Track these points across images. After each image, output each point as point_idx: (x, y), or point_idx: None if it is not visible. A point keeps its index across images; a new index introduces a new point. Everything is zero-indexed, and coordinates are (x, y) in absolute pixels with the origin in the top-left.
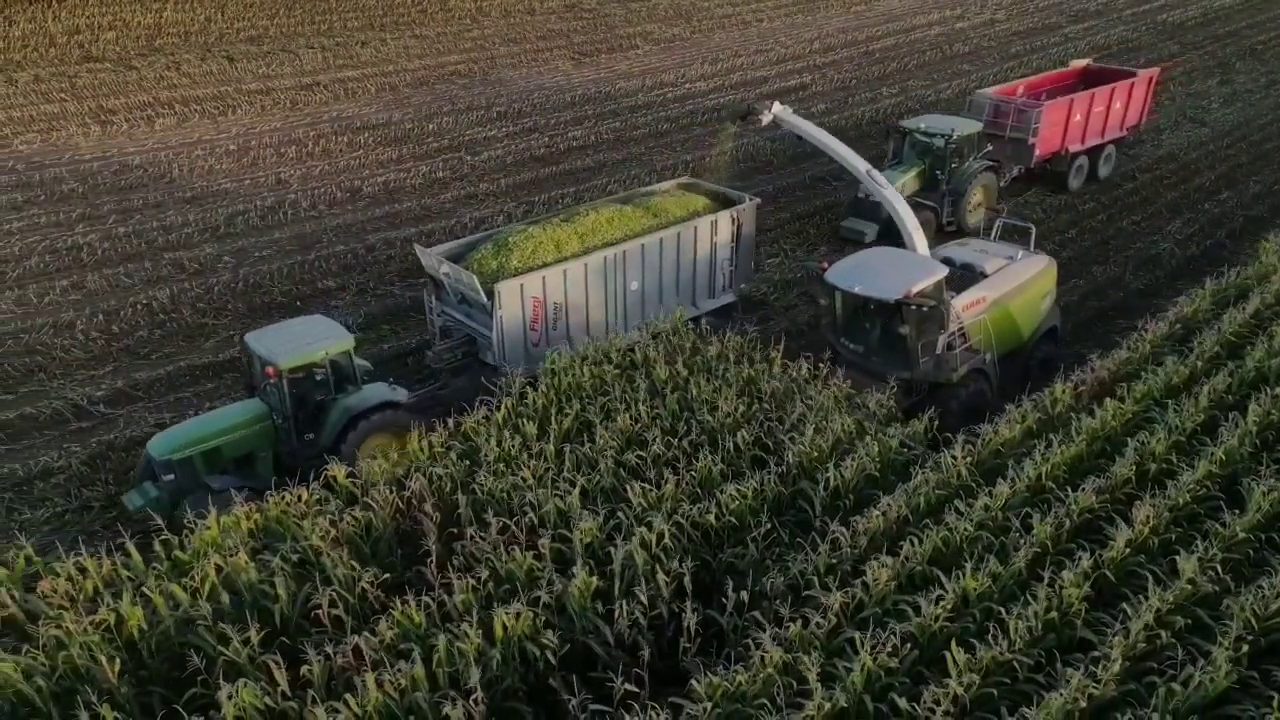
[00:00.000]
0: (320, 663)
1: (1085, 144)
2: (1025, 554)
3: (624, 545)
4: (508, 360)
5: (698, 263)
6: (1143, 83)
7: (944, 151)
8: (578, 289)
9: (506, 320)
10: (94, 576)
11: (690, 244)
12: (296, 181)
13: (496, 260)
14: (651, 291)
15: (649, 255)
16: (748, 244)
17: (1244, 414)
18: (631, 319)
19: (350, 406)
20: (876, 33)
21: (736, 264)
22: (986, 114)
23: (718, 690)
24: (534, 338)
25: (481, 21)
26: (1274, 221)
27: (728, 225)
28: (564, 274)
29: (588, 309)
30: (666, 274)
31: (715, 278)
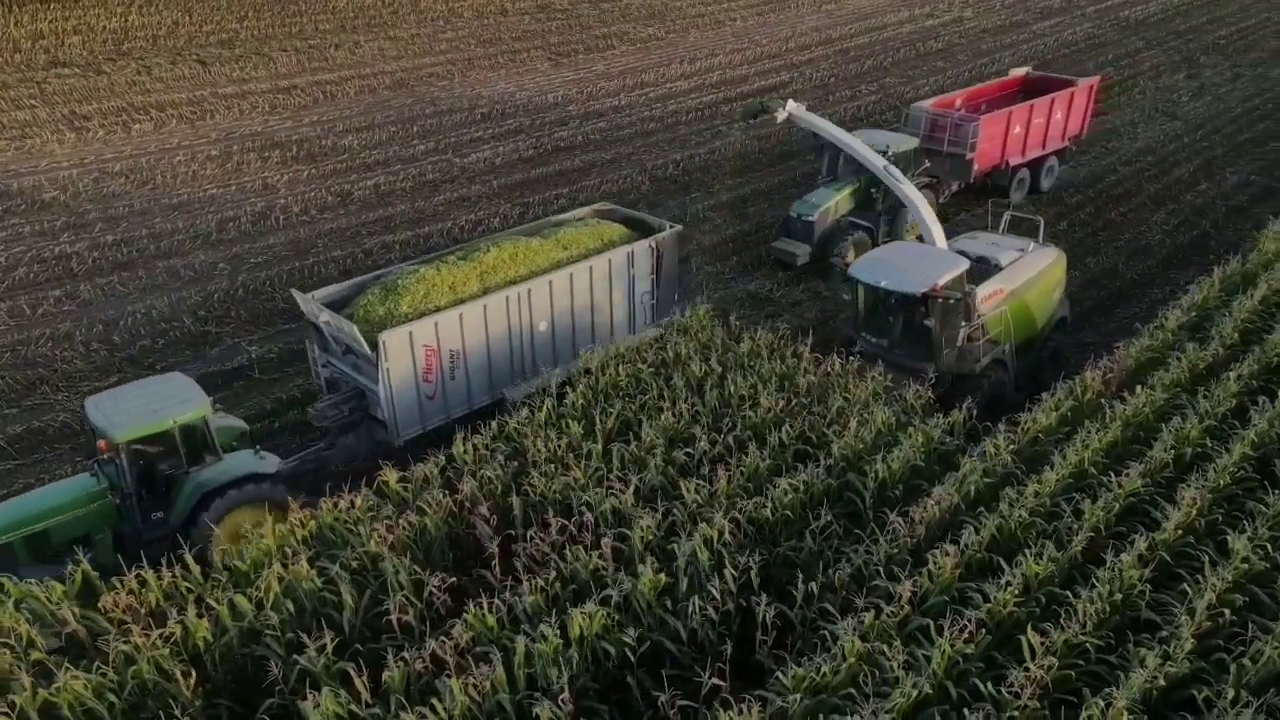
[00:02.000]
0: (401, 668)
1: (1026, 156)
2: (1081, 539)
3: (688, 542)
4: (399, 418)
5: (614, 298)
6: (1083, 92)
7: None
8: (477, 334)
9: (394, 373)
10: (154, 589)
11: (604, 278)
12: (284, 186)
13: (384, 306)
14: (563, 331)
15: (558, 292)
16: (670, 274)
17: (1272, 398)
18: (542, 362)
19: (205, 481)
20: (849, 31)
21: (658, 296)
22: (923, 128)
23: (803, 682)
24: (428, 390)
25: (454, 23)
26: (1253, 211)
27: (646, 256)
28: (460, 318)
29: (489, 355)
30: (579, 312)
31: (635, 313)
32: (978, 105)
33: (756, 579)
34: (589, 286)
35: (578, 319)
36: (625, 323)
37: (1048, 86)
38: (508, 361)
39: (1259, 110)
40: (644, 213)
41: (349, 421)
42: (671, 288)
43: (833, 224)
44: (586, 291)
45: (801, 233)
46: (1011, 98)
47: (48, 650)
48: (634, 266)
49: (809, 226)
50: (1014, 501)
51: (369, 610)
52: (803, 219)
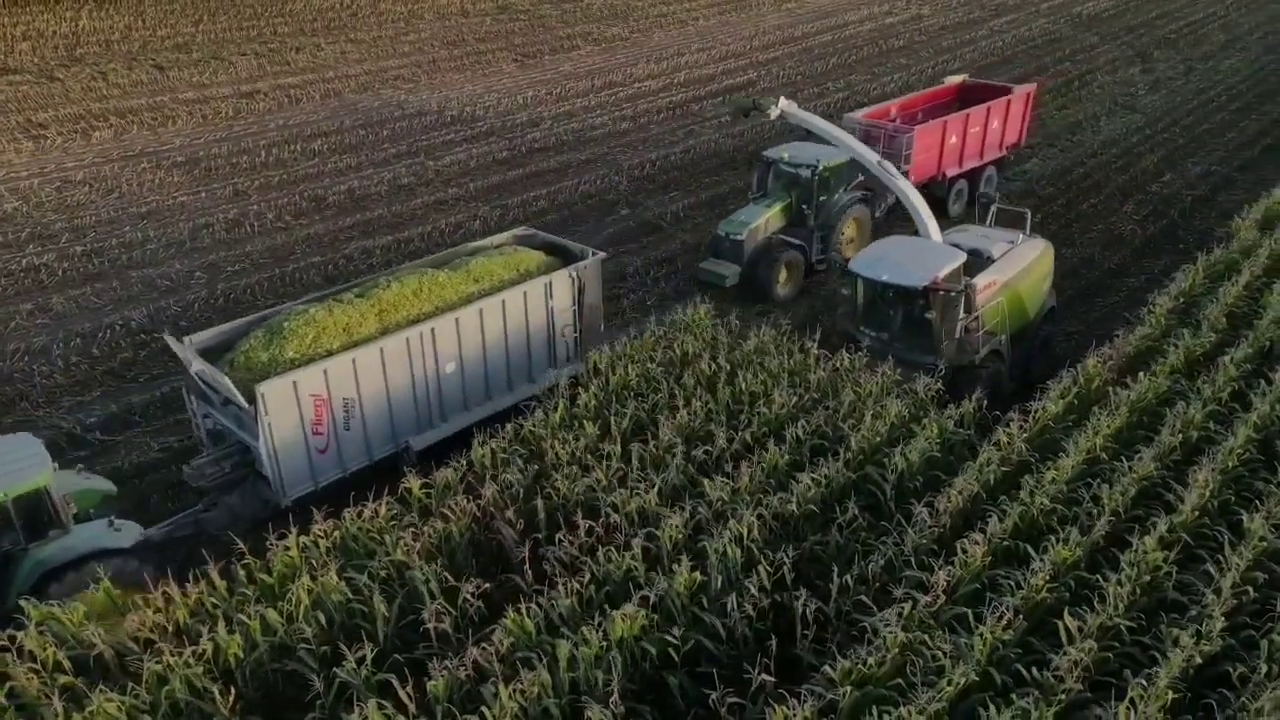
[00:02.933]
0: (445, 677)
1: (963, 167)
2: (1103, 524)
3: (719, 539)
4: (284, 476)
5: (531, 333)
6: (1020, 100)
7: (810, 183)
8: (374, 379)
9: (277, 427)
10: (180, 607)
11: (519, 312)
12: (255, 192)
13: (268, 352)
14: (474, 372)
15: (467, 330)
16: (593, 306)
17: (1268, 381)
18: (451, 406)
19: (45, 559)
20: (812, 29)
21: (580, 330)
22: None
23: (850, 675)
24: (319, 443)
25: (416, 25)
26: (1217, 200)
27: (566, 287)
28: (353, 363)
29: (390, 402)
30: (492, 350)
31: (555, 348)
32: (914, 114)
33: (791, 574)
34: (502, 322)
35: (490, 358)
36: (544, 360)
37: (985, 94)
38: (412, 408)
39: (1214, 102)
40: (566, 239)
41: (232, 479)
42: (597, 319)
43: (763, 242)
44: (500, 328)
45: (730, 252)
46: (948, 106)
47: None
48: (552, 299)
49: (738, 246)
50: (1034, 489)
51: (399, 620)
52: (731, 238)
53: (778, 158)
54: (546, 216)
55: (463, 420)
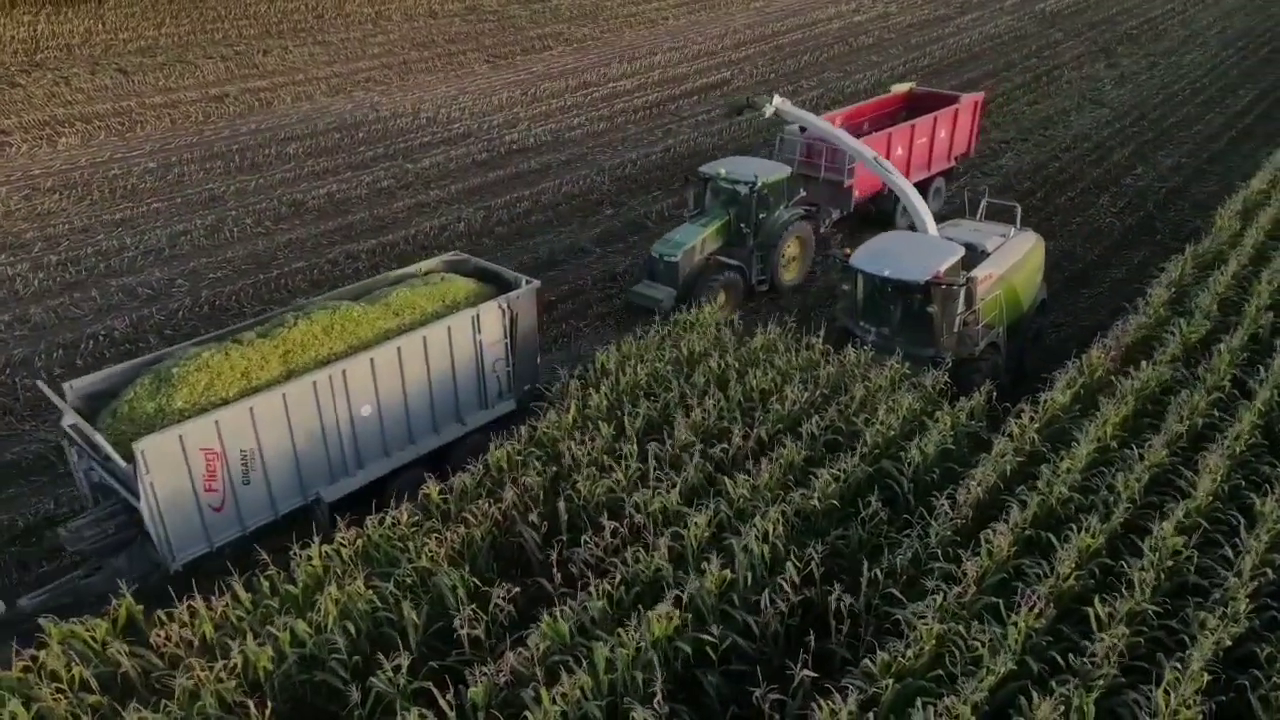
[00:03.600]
0: (485, 682)
1: (910, 179)
2: (1122, 511)
3: (746, 536)
4: (172, 538)
5: (458, 370)
6: (967, 109)
7: (749, 201)
8: (277, 428)
9: (162, 487)
10: (205, 620)
11: (443, 348)
12: (232, 197)
13: (154, 401)
14: (394, 415)
15: (384, 370)
16: (528, 338)
17: (1264, 368)
18: (369, 452)
19: None
20: (781, 28)
21: (514, 364)
22: (798, 154)
23: (890, 668)
24: (213, 500)
25: (384, 26)
26: (1189, 192)
27: (496, 319)
28: (251, 412)
29: (296, 451)
30: (413, 390)
31: (485, 385)
32: (859, 124)
33: (819, 570)
34: (424, 360)
35: (412, 399)
36: (474, 398)
37: (932, 103)
38: (323, 456)
39: (1179, 96)
40: (500, 265)
41: (119, 540)
42: (533, 351)
43: (700, 263)
44: (421, 365)
45: (665, 275)
46: (895, 115)
47: None
48: (481, 332)
49: (672, 268)
50: (1052, 479)
51: (427, 627)
52: (665, 260)
53: (714, 174)
54: (531, 217)
55: (382, 467)
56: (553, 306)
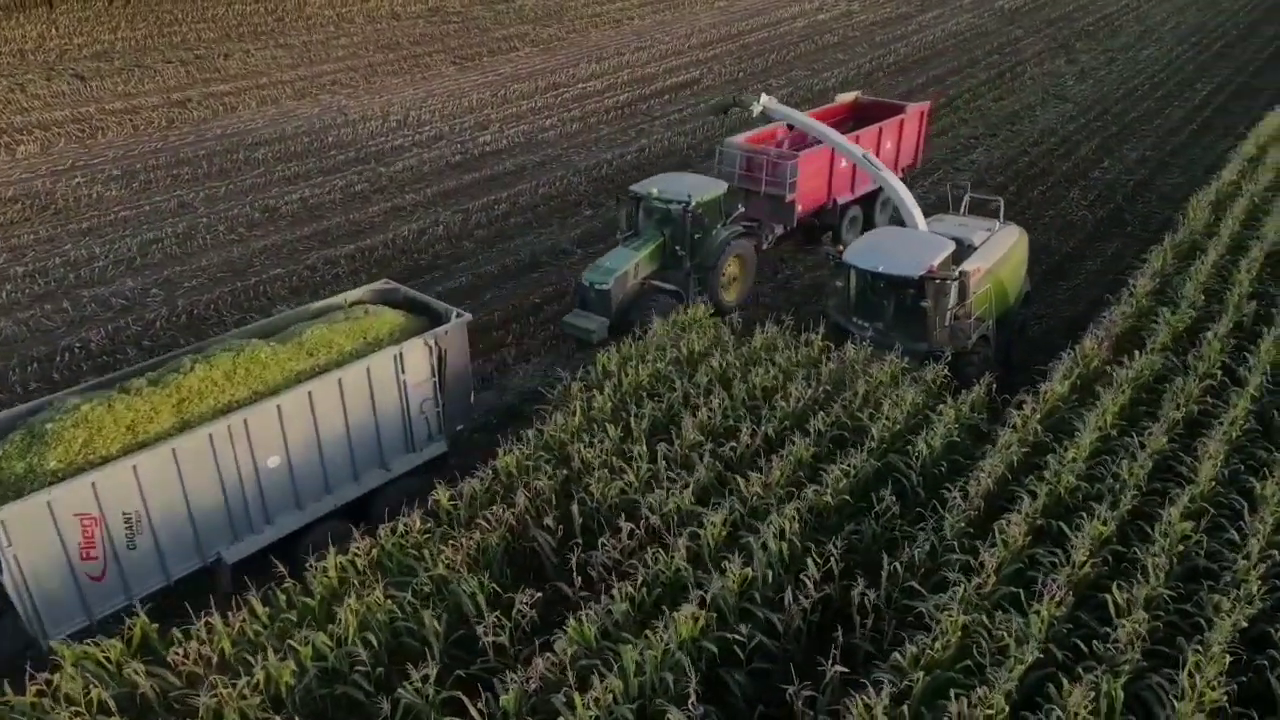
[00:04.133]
0: (515, 689)
1: (856, 193)
2: (1129, 499)
3: (764, 534)
4: (43, 612)
5: (380, 413)
6: (914, 118)
7: (683, 221)
8: (167, 486)
9: (28, 560)
10: (223, 637)
11: (362, 391)
12: (202, 204)
13: (24, 461)
14: (306, 465)
15: (293, 418)
16: (459, 375)
17: (1250, 354)
18: (278, 506)
19: None
20: (746, 27)
21: (443, 403)
22: (738, 167)
23: (919, 661)
24: (92, 569)
25: (346, 29)
26: (1155, 184)
27: (422, 357)
28: (135, 471)
29: (191, 511)
30: (329, 437)
31: (412, 427)
32: (803, 135)
33: (839, 565)
34: (340, 404)
35: (327, 447)
36: (400, 442)
37: (879, 112)
38: (223, 514)
39: (1139, 91)
40: (430, 296)
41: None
42: (465, 389)
43: (634, 288)
44: (337, 410)
45: (597, 304)
46: (841, 125)
47: None
48: (405, 372)
49: (604, 296)
50: (1059, 468)
51: (447, 635)
52: (596, 288)
53: (646, 193)
54: (510, 219)
55: (294, 521)
56: (538, 309)
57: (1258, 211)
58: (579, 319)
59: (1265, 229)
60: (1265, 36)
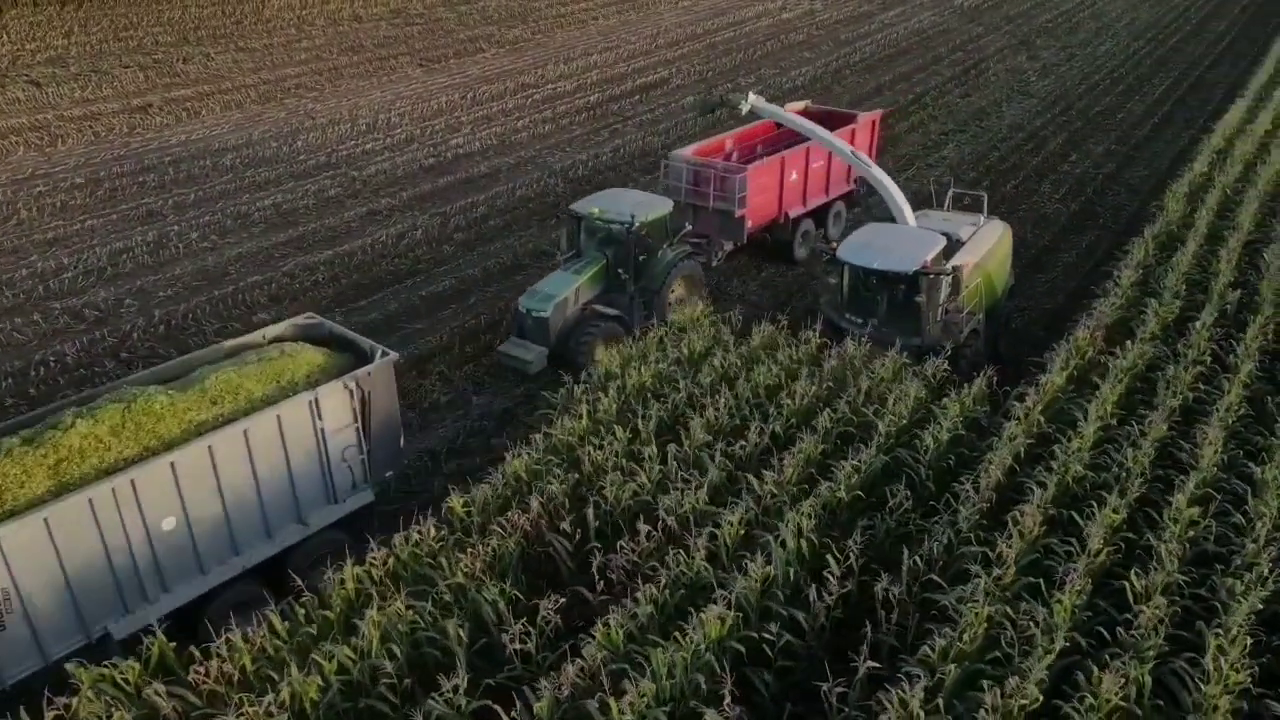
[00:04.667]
0: (549, 696)
1: (808, 206)
2: (1137, 486)
3: (784, 531)
4: None
5: (294, 465)
6: (865, 127)
7: (627, 242)
8: (41, 557)
9: None
10: (244, 654)
11: (273, 441)
12: (171, 212)
13: None
14: (208, 526)
15: (191, 475)
16: (387, 418)
17: (1237, 342)
18: (175, 574)
19: None
20: (712, 26)
21: (369, 450)
22: (685, 181)
23: (948, 653)
24: None
25: (308, 31)
26: (1122, 177)
27: (343, 402)
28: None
29: (71, 583)
30: (235, 494)
31: (333, 478)
32: (753, 147)
33: (859, 561)
34: (247, 457)
35: (233, 504)
36: (319, 493)
37: (830, 122)
38: (110, 585)
39: (1099, 86)
40: (356, 334)
41: None
42: (393, 433)
43: (574, 316)
44: (244, 464)
45: (535, 332)
46: (791, 135)
47: None
48: (322, 419)
49: (542, 325)
50: (1067, 459)
51: (471, 644)
52: (534, 315)
53: (587, 213)
54: (489, 222)
55: (195, 588)
56: None
57: (1230, 203)
58: (515, 348)
59: (1239, 218)
60: (1215, 32)
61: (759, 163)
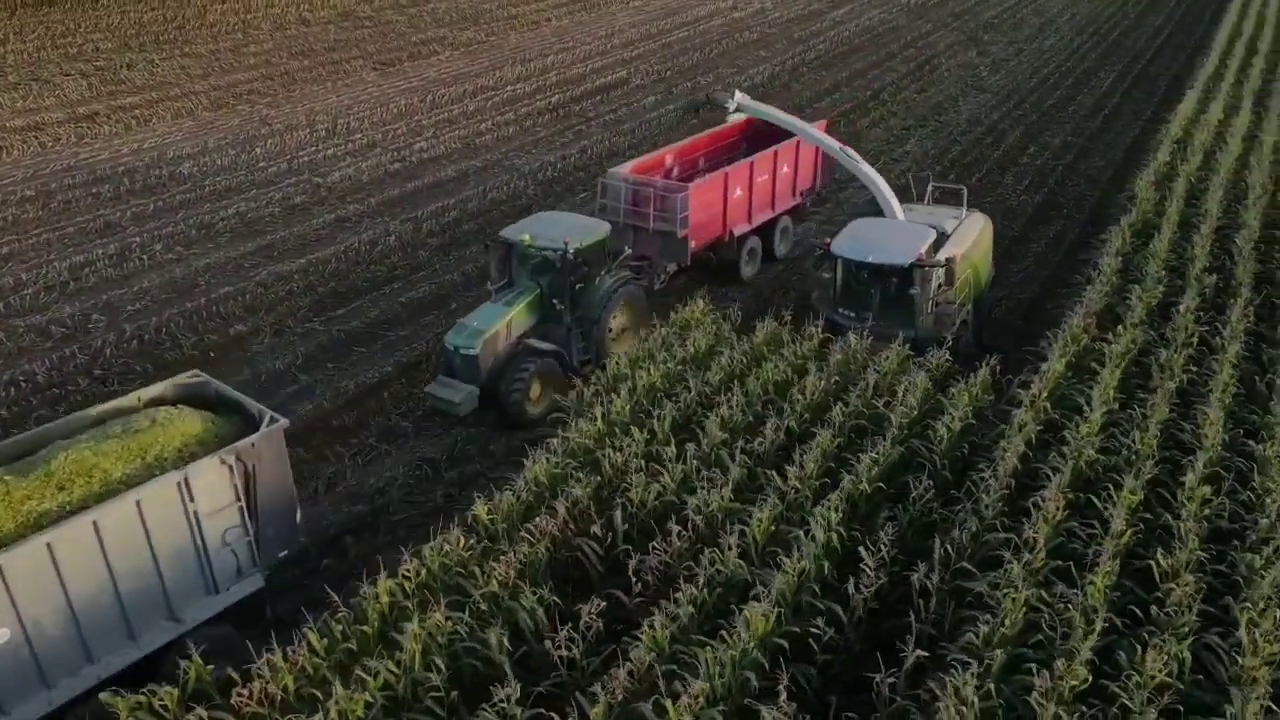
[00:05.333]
0: (604, 701)
1: (754, 223)
2: (1150, 467)
3: (813, 526)
4: None
5: (161, 556)
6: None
7: (563, 270)
8: None
9: None
10: (286, 673)
11: (132, 532)
12: (130, 223)
13: None
14: (51, 634)
15: (25, 579)
16: (278, 491)
17: (1221, 325)
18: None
19: None
20: (666, 26)
21: (256, 530)
22: (624, 201)
23: (991, 639)
24: None
25: (255, 36)
26: (1080, 168)
27: (220, 480)
28: None
29: None
30: (85, 596)
31: (211, 565)
32: (694, 161)
33: (891, 552)
34: (99, 552)
35: (84, 607)
36: (195, 584)
37: (774, 133)
38: None
39: (1050, 80)
40: (244, 396)
41: None
42: (286, 508)
43: (506, 351)
44: (95, 560)
45: (464, 370)
46: (734, 147)
47: None
48: (194, 501)
49: (471, 363)
50: (1079, 443)
51: (511, 652)
52: (463, 353)
53: (518, 239)
54: (462, 226)
55: (36, 707)
56: None
57: (1195, 191)
58: (443, 389)
59: (1207, 206)
60: (1153, 26)
61: (702, 180)
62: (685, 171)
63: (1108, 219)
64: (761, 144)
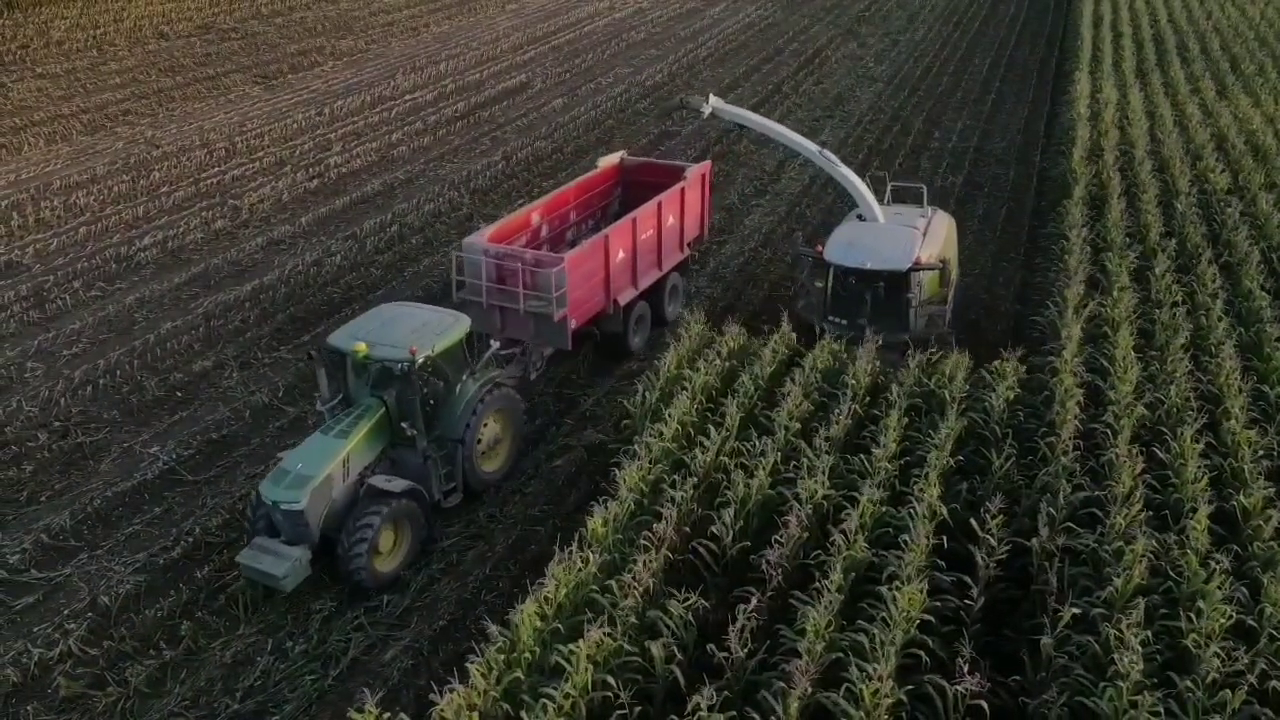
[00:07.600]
0: (798, 702)
1: (640, 287)
2: (1201, 416)
3: (920, 503)
4: None
5: None
6: (695, 183)
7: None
8: None
9: None
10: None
11: None
12: (34, 261)
13: None
14: None
15: None
16: None
17: (1200, 282)
18: None
19: None
20: (549, 28)
21: None
22: (485, 278)
23: (1125, 590)
24: None
25: (112, 53)
26: (986, 149)
27: None
28: None
29: None
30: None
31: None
32: (564, 216)
33: (995, 520)
34: None
35: None
36: None
37: (650, 176)
38: None
39: (931, 69)
40: None
41: None
42: None
43: (343, 498)
44: None
45: (289, 529)
46: (607, 195)
47: None
48: None
49: (297, 519)
50: (1129, 401)
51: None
52: (283, 508)
53: (349, 349)
54: (409, 240)
55: None
56: None
57: (1122, 164)
58: (260, 558)
59: (1141, 177)
60: (1008, 15)
61: (579, 248)
62: (555, 230)
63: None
64: (637, 191)
